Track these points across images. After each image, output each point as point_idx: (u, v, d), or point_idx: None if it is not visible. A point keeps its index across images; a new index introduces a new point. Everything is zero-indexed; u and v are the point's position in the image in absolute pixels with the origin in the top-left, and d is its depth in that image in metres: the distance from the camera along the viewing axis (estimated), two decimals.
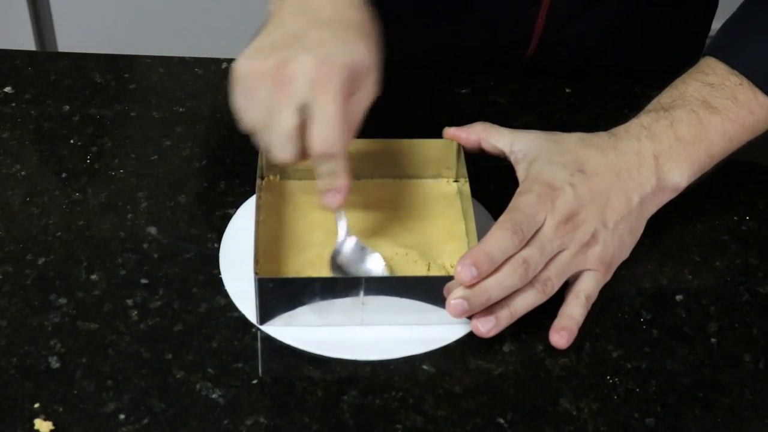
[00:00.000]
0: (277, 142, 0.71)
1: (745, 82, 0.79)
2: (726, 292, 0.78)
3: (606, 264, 0.75)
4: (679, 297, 0.77)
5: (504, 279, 0.70)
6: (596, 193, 0.74)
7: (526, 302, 0.72)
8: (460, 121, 0.82)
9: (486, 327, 0.71)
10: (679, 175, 0.77)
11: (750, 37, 0.80)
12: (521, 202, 0.73)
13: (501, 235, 0.70)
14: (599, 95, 0.96)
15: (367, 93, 0.72)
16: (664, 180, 0.77)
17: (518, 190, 0.74)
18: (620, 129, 0.79)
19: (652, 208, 0.78)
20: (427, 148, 0.82)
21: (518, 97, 0.95)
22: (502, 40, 0.98)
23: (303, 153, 0.71)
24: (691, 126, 0.77)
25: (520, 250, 0.71)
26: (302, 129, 0.70)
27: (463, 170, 0.80)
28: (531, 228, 0.71)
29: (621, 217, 0.75)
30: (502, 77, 0.97)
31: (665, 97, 0.80)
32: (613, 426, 0.68)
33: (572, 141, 0.78)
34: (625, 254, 0.77)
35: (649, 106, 0.80)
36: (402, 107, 0.92)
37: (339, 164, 0.71)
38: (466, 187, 0.79)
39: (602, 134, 0.78)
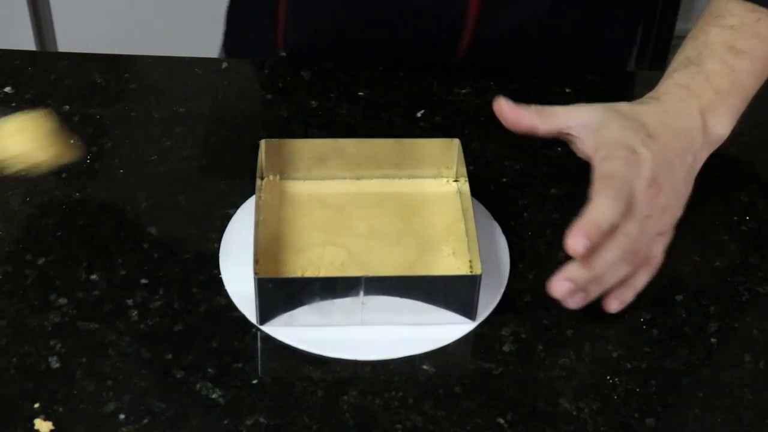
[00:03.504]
0: None
1: (764, 15, 0.79)
2: (726, 292, 0.78)
3: (673, 226, 0.76)
4: (679, 297, 0.77)
5: (607, 254, 0.70)
6: (665, 155, 0.75)
7: (617, 275, 0.72)
8: (460, 121, 0.83)
9: (575, 300, 0.71)
10: (723, 127, 0.78)
11: None
12: (613, 168, 0.72)
13: (605, 203, 0.70)
14: (599, 95, 0.96)
15: None
16: (709, 135, 0.77)
17: (600, 157, 0.73)
18: (660, 93, 0.79)
19: (700, 164, 0.78)
20: (427, 148, 0.82)
21: (518, 97, 0.95)
22: (431, 33, 0.96)
23: None
24: (725, 76, 0.78)
25: (621, 222, 0.71)
26: None
27: (463, 170, 0.80)
28: (627, 194, 0.71)
29: (682, 177, 0.76)
30: (502, 77, 0.96)
31: (689, 49, 0.80)
32: (613, 426, 0.68)
33: (628, 108, 0.77)
34: (681, 213, 0.77)
35: (676, 63, 0.80)
36: (402, 107, 0.92)
37: None
38: (466, 187, 0.79)
39: (647, 100, 0.79)
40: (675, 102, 0.78)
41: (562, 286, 0.70)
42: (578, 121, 0.77)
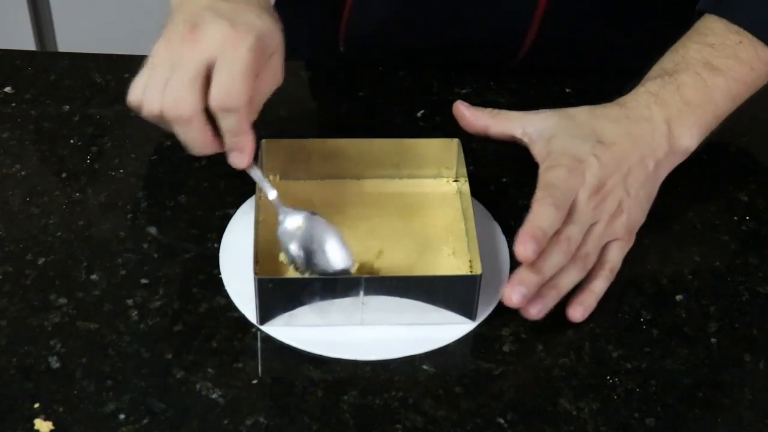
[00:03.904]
0: (173, 95, 0.69)
1: (745, 39, 0.79)
2: (726, 292, 0.78)
3: (631, 232, 0.76)
4: (679, 297, 0.77)
5: (551, 258, 0.71)
6: (618, 161, 0.75)
7: (569, 280, 0.73)
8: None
9: (536, 308, 0.72)
10: (689, 139, 0.78)
11: None
12: (554, 178, 0.73)
13: (546, 210, 0.71)
14: (599, 95, 0.96)
15: (273, 75, 0.72)
16: (675, 145, 0.78)
17: (545, 166, 0.75)
18: (628, 98, 0.79)
19: (664, 173, 0.79)
20: (427, 147, 0.82)
21: (518, 97, 0.95)
22: (495, 39, 0.97)
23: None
24: (696, 89, 0.78)
25: (562, 226, 0.71)
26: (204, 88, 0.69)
27: (463, 170, 0.80)
28: (569, 202, 0.72)
29: (640, 183, 0.76)
30: (502, 77, 0.96)
31: (667, 62, 0.81)
32: (613, 426, 0.68)
33: (584, 115, 0.78)
34: (643, 219, 0.78)
35: (652, 73, 0.81)
36: (402, 107, 0.92)
37: (241, 121, 0.70)
38: (466, 187, 0.79)
39: (611, 105, 0.79)
40: (640, 108, 0.78)
41: (517, 292, 0.70)
42: (533, 128, 0.79)
